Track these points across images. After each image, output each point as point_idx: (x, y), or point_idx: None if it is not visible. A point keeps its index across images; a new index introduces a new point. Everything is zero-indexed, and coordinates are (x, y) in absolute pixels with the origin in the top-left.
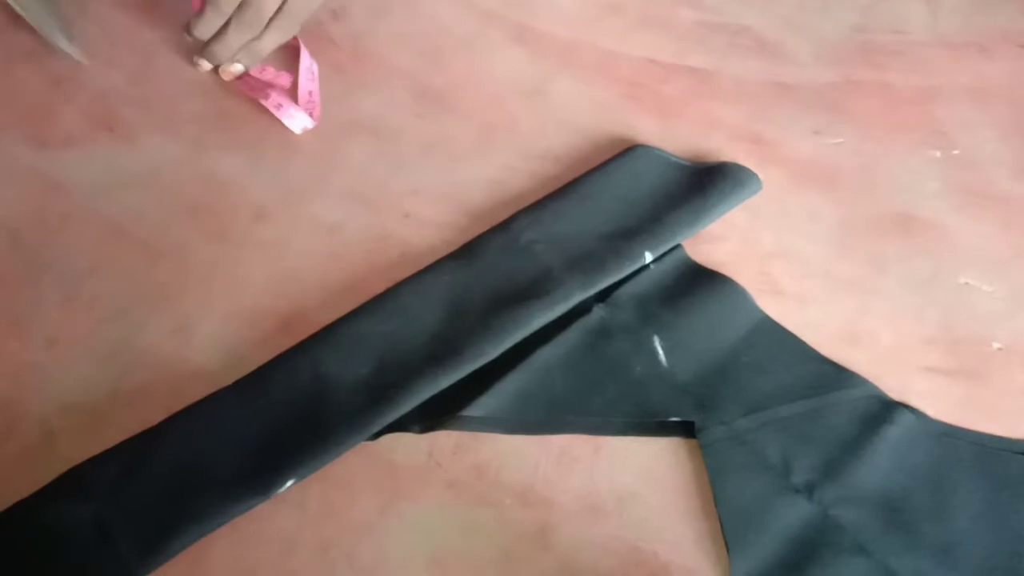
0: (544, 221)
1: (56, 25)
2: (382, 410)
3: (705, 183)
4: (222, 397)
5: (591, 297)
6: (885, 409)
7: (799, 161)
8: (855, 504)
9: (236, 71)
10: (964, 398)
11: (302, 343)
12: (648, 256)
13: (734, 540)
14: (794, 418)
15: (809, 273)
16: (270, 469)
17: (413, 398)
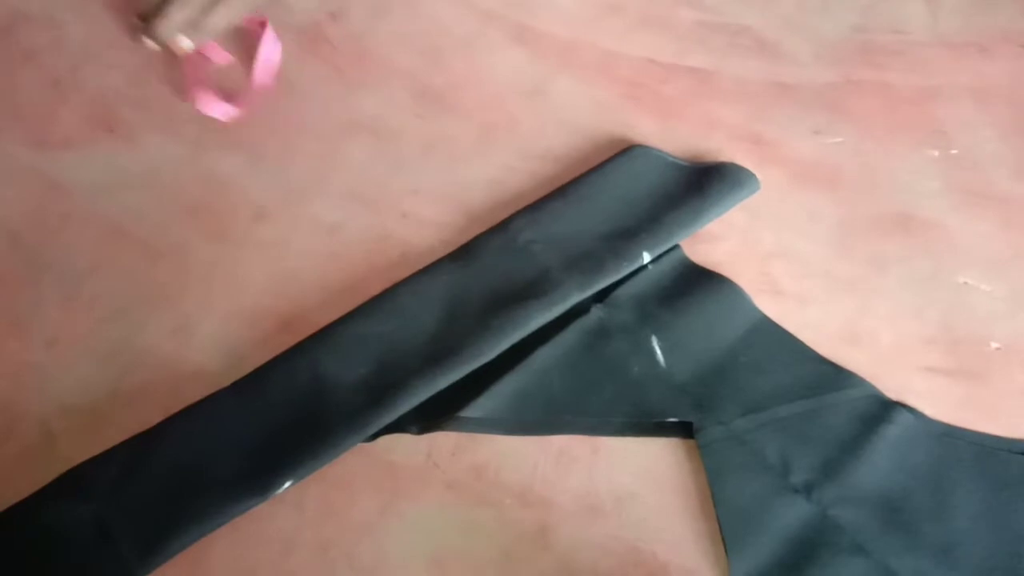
0: (542, 221)
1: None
2: (380, 411)
3: (703, 183)
4: (221, 398)
5: (589, 297)
6: (884, 409)
7: (799, 161)
8: (854, 504)
9: (184, 47)
10: (963, 398)
11: (300, 344)
12: (646, 256)
13: (733, 540)
14: (793, 418)
15: (808, 273)
16: (268, 470)
17: (411, 399)
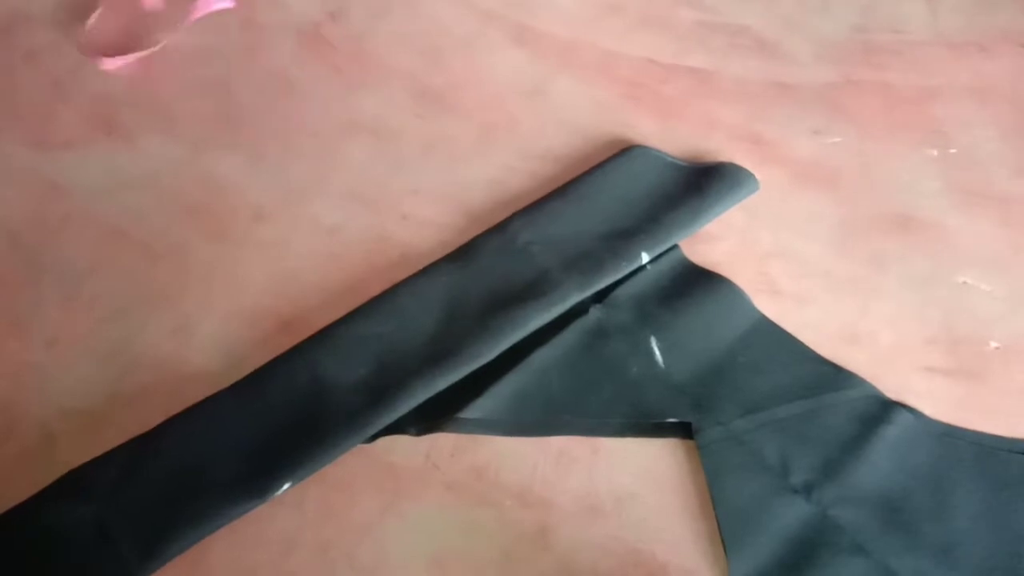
0: (541, 222)
1: None
2: (379, 412)
3: (702, 183)
4: (220, 399)
5: (588, 298)
6: (883, 409)
7: (798, 161)
8: (854, 504)
9: None
10: (963, 398)
11: (299, 345)
12: (645, 256)
13: (732, 540)
14: (792, 419)
15: (808, 273)
16: (267, 472)
17: (410, 399)
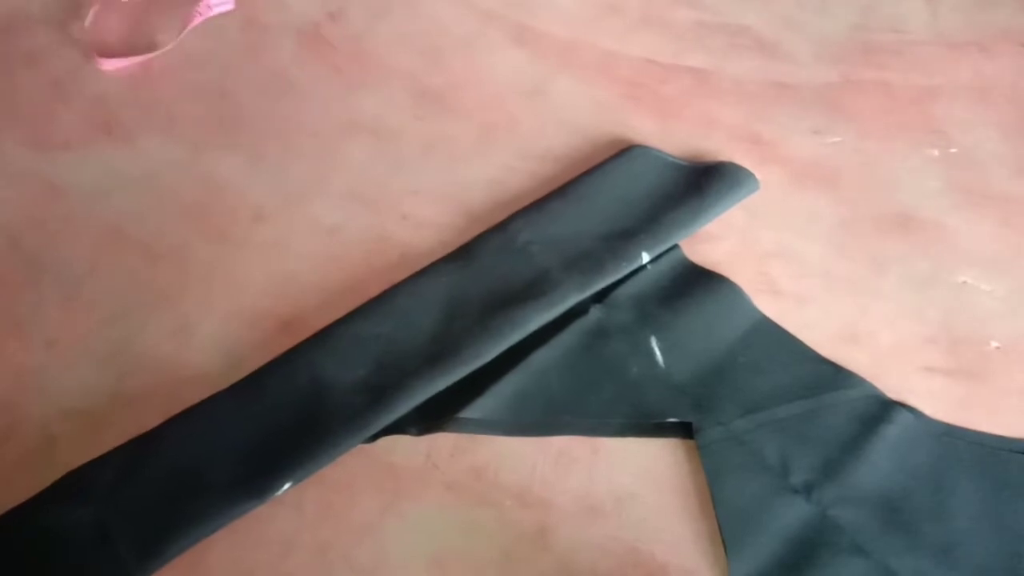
0: (541, 222)
1: None
2: (379, 412)
3: (702, 183)
4: (219, 400)
5: (588, 298)
6: (884, 409)
7: (798, 161)
8: (854, 504)
9: None
10: (963, 398)
11: (299, 345)
12: (645, 256)
13: (732, 540)
14: (792, 419)
15: (808, 273)
16: (267, 472)
17: (410, 400)
